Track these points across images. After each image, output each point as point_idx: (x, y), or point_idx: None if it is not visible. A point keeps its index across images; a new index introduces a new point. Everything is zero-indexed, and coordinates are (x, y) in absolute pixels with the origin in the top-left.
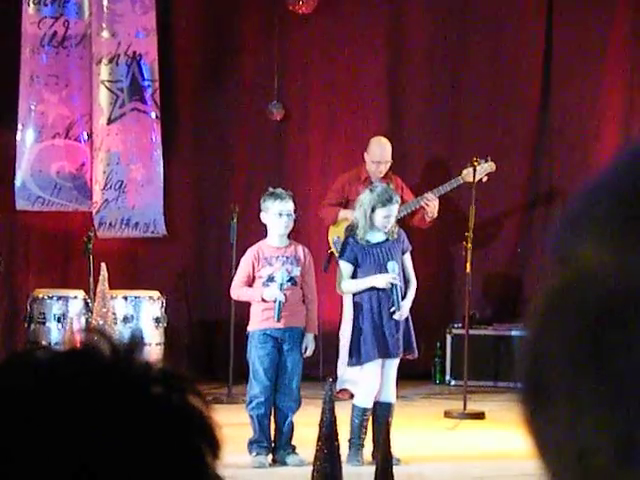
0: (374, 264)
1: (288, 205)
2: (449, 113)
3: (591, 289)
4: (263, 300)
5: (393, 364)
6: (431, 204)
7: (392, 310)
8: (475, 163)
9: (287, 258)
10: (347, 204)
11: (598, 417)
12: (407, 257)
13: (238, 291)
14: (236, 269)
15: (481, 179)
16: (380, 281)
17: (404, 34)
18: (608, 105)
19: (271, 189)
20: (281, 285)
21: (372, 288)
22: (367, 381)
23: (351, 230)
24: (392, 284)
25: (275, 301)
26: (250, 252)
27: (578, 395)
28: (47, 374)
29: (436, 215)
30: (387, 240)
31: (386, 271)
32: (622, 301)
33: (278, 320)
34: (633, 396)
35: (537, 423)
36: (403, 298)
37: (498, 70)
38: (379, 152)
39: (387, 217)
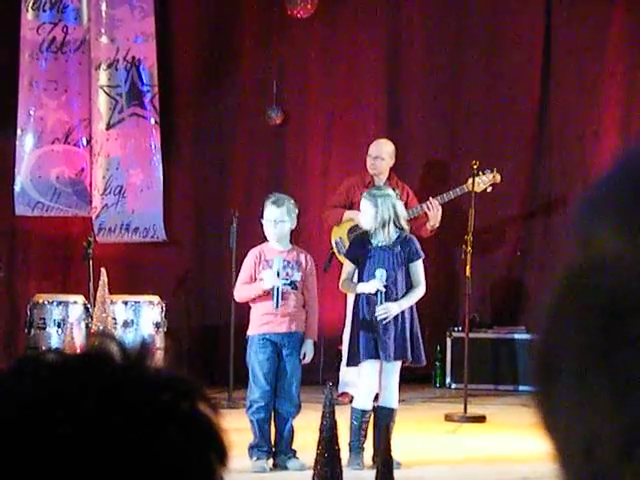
0: (372, 267)
1: (277, 212)
2: (448, 117)
3: (605, 275)
4: (264, 292)
5: (392, 368)
6: (433, 210)
7: (376, 315)
8: (480, 173)
9: (288, 262)
10: (351, 207)
11: (606, 405)
12: (415, 264)
13: (240, 292)
14: (236, 273)
15: (485, 189)
16: (367, 288)
17: (402, 39)
18: (607, 107)
19: (272, 195)
20: (278, 273)
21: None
22: (364, 383)
23: (354, 231)
24: (378, 290)
25: (273, 289)
26: (252, 254)
27: (587, 381)
28: (58, 378)
29: (438, 224)
30: (387, 247)
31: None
32: (635, 289)
33: (277, 308)
34: None
35: (547, 406)
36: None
37: (497, 74)
38: (373, 147)
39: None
